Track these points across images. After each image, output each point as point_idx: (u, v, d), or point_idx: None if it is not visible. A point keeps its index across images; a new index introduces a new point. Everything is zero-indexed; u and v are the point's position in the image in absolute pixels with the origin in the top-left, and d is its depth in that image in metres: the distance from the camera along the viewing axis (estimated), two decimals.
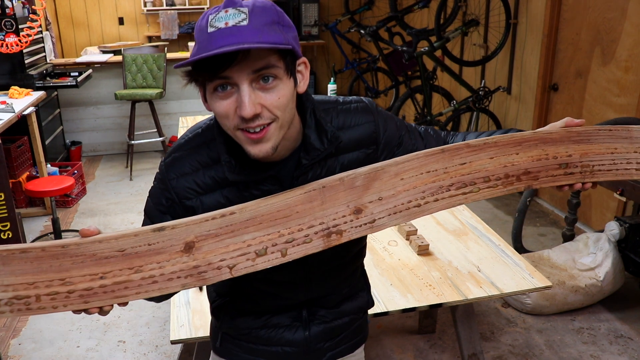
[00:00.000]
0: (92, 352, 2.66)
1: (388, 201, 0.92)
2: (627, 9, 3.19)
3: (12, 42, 4.23)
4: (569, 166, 1.02)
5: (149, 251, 0.85)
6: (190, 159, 1.02)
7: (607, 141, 1.05)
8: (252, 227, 0.88)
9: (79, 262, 0.83)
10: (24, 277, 0.82)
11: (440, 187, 0.95)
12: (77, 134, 5.68)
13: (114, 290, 0.84)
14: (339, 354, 1.28)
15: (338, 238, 0.90)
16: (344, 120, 1.07)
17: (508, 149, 0.99)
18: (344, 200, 0.92)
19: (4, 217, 3.11)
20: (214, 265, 0.86)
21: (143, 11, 7.30)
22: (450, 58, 4.53)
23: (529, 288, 1.88)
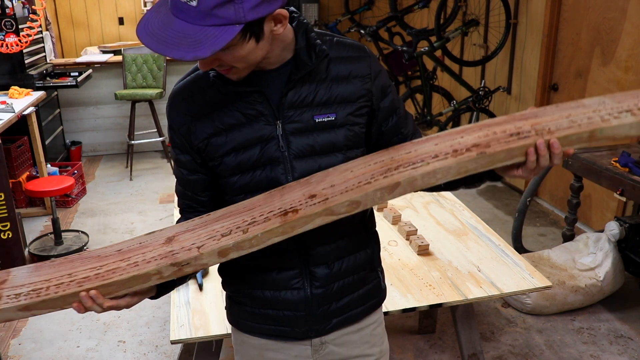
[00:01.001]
0: (92, 352, 2.66)
1: (340, 185, 1.01)
2: (627, 9, 3.19)
3: (12, 42, 4.23)
4: (520, 133, 0.99)
5: (139, 247, 1.04)
6: (187, 88, 1.12)
7: (556, 113, 1.03)
8: (221, 220, 1.04)
9: (86, 262, 1.04)
10: (44, 277, 1.03)
11: (389, 169, 1.01)
12: (77, 134, 5.68)
13: (104, 276, 1.00)
14: (346, 321, 1.22)
15: (293, 215, 0.98)
16: (339, 51, 1.11)
17: (452, 136, 1.03)
18: (300, 192, 1.02)
19: (4, 217, 3.11)
20: (185, 247, 1.01)
21: (143, 11, 7.29)
22: (450, 58, 4.53)
23: (529, 288, 1.88)
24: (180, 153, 1.15)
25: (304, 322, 1.19)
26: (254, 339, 1.24)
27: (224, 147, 1.09)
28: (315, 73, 1.08)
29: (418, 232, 2.21)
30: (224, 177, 1.12)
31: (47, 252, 3.52)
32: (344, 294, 1.20)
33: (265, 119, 1.08)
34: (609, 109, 1.02)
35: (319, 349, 1.23)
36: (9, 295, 1.01)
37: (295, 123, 1.08)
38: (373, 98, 1.13)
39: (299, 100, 1.08)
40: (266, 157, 1.09)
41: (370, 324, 1.27)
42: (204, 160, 1.13)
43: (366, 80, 1.12)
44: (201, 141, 1.10)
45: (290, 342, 1.22)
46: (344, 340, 1.24)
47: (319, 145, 1.09)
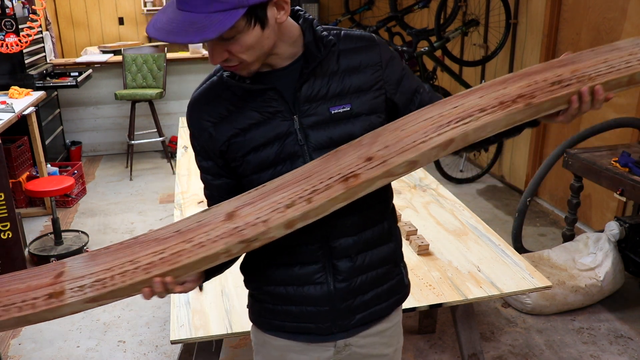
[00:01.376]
0: (92, 352, 2.66)
1: (394, 146, 1.00)
2: (627, 9, 3.19)
3: (12, 42, 4.23)
4: (562, 82, 1.01)
5: (199, 226, 1.01)
6: (204, 95, 1.14)
7: (593, 57, 1.05)
8: (280, 191, 1.02)
9: (145, 246, 1.01)
10: (104, 266, 1.00)
11: (440, 126, 1.01)
12: (77, 134, 5.68)
13: (170, 260, 0.98)
14: (370, 317, 1.22)
15: (355, 180, 0.99)
16: (347, 43, 1.13)
17: (495, 87, 1.04)
18: (355, 155, 1.02)
19: (4, 217, 3.10)
20: (250, 223, 0.99)
21: (143, 11, 7.30)
22: (450, 58, 4.53)
23: (529, 288, 1.88)
24: (203, 160, 1.17)
25: (327, 317, 1.18)
26: (277, 339, 1.24)
27: (244, 147, 1.11)
28: (326, 66, 1.10)
29: (418, 232, 2.21)
30: (247, 176, 1.14)
31: (47, 252, 3.52)
32: (367, 289, 1.20)
33: (281, 115, 1.10)
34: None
35: (342, 350, 1.23)
36: (73, 288, 0.98)
37: (311, 116, 1.10)
38: (386, 86, 1.14)
39: (313, 93, 1.09)
40: (286, 153, 1.10)
41: (392, 325, 1.29)
42: (227, 163, 1.15)
43: (377, 69, 1.13)
44: (222, 144, 1.12)
45: (313, 344, 1.22)
46: (366, 342, 1.25)
47: (336, 137, 1.10)
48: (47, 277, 1.00)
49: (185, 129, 3.72)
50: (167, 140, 5.61)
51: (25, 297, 0.98)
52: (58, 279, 0.99)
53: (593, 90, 1.01)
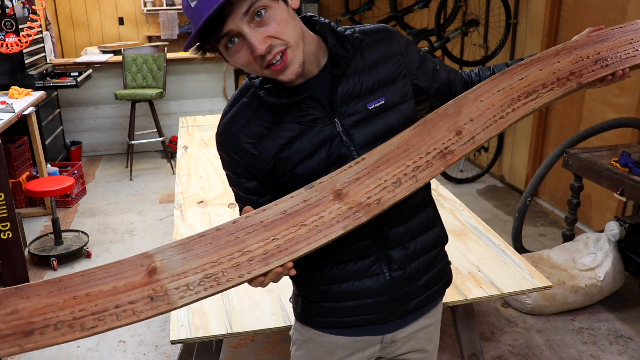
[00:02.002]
0: (92, 352, 2.66)
1: (478, 120, 1.10)
2: (627, 9, 3.19)
3: (12, 42, 4.23)
4: (602, 61, 1.20)
5: (307, 207, 0.97)
6: (237, 118, 1.13)
7: (621, 36, 1.23)
8: (383, 166, 1.03)
9: (251, 231, 0.93)
10: (208, 257, 0.91)
11: (512, 100, 1.13)
12: (77, 134, 5.68)
13: (287, 248, 0.93)
14: (424, 302, 1.25)
15: (452, 157, 1.06)
16: (365, 39, 1.15)
17: (550, 60, 1.18)
18: (445, 127, 1.08)
19: (4, 217, 3.10)
20: (363, 204, 0.98)
21: (143, 11, 7.30)
22: (450, 58, 4.53)
23: (529, 288, 1.88)
24: (247, 181, 1.16)
25: (386, 306, 1.20)
26: (325, 335, 1.24)
27: (292, 160, 1.11)
28: (354, 65, 1.12)
29: None
30: (299, 185, 1.10)
31: (47, 252, 3.52)
32: (421, 275, 1.23)
33: (322, 120, 1.11)
34: None
35: (388, 346, 1.25)
36: (178, 288, 0.88)
37: (351, 116, 1.12)
38: (409, 72, 1.17)
39: (348, 93, 1.11)
40: (335, 156, 1.11)
41: (435, 321, 1.34)
42: (274, 180, 1.15)
43: (399, 58, 1.16)
44: (269, 162, 1.12)
45: (362, 339, 1.23)
46: (411, 337, 1.28)
47: (378, 131, 1.12)
48: (137, 274, 0.87)
49: (186, 128, 3.72)
50: (167, 140, 5.61)
51: (118, 301, 0.85)
52: (153, 277, 0.88)
53: (623, 72, 1.20)
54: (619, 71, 1.20)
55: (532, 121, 4.15)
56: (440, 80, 1.23)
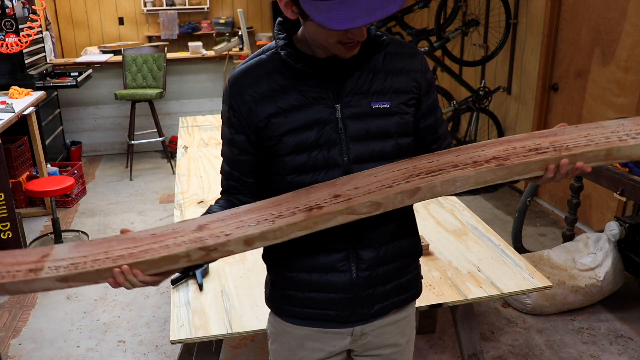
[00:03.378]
0: (92, 352, 2.66)
1: (363, 188, 1.07)
2: (627, 9, 3.19)
3: (12, 42, 4.23)
4: (539, 149, 1.05)
5: (172, 232, 1.10)
6: (250, 71, 1.16)
7: (576, 132, 1.09)
8: (250, 213, 1.10)
9: (122, 242, 1.10)
10: (83, 253, 1.10)
11: (411, 176, 1.07)
12: (77, 134, 5.68)
13: (137, 255, 1.06)
14: (387, 308, 1.26)
15: (317, 211, 1.04)
16: (395, 47, 1.19)
17: (473, 149, 1.11)
18: (326, 192, 1.08)
19: (4, 217, 3.11)
20: (214, 234, 1.06)
21: (143, 11, 7.30)
22: (450, 58, 4.53)
23: (529, 288, 1.88)
24: (235, 133, 1.19)
25: (348, 305, 1.22)
26: (295, 327, 1.27)
27: (284, 126, 1.14)
28: (373, 63, 1.16)
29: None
30: (280, 155, 1.16)
31: None
32: (388, 280, 1.24)
33: (325, 102, 1.14)
34: (627, 130, 1.07)
35: (358, 339, 1.27)
36: (50, 267, 1.08)
37: (353, 108, 1.14)
38: (421, 91, 1.20)
39: (356, 87, 1.15)
40: (324, 139, 1.14)
41: (407, 316, 1.32)
42: (260, 141, 1.18)
43: (417, 75, 1.19)
44: (261, 120, 1.15)
45: (331, 332, 1.25)
46: (382, 331, 1.28)
47: (373, 130, 1.15)
48: (35, 256, 1.11)
49: (186, 128, 3.72)
50: (167, 140, 5.61)
51: (10, 269, 1.08)
52: (43, 259, 1.10)
53: (575, 167, 1.06)
54: (565, 160, 1.04)
55: (532, 121, 4.16)
56: (432, 125, 1.24)
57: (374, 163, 1.16)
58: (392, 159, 1.17)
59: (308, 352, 1.27)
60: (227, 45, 5.61)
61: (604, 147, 1.04)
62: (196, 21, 7.51)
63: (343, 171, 1.15)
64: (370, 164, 1.15)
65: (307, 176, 1.15)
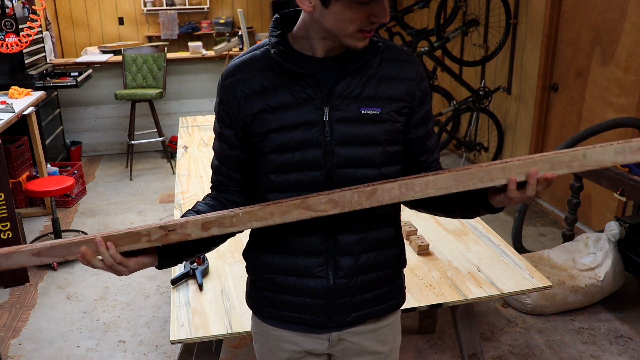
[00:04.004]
0: (92, 352, 2.66)
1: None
2: (627, 9, 3.19)
3: (12, 42, 4.23)
4: (504, 161, 1.06)
5: (145, 224, 1.13)
6: (243, 66, 1.16)
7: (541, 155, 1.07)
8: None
9: (95, 231, 1.14)
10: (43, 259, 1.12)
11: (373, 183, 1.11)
12: (77, 134, 5.68)
13: (104, 233, 1.09)
14: (364, 317, 1.24)
15: (274, 204, 1.09)
16: (391, 53, 1.17)
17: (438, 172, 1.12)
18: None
19: (4, 217, 3.10)
20: (176, 219, 1.12)
21: (143, 11, 7.30)
22: (450, 58, 4.53)
23: (529, 288, 1.88)
24: (224, 127, 1.19)
25: (324, 311, 1.21)
26: (274, 329, 1.26)
27: (270, 124, 1.13)
28: (366, 68, 1.14)
29: (418, 232, 2.21)
30: (264, 153, 1.16)
31: None
32: (367, 289, 1.22)
33: (314, 103, 1.13)
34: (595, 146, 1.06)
35: (336, 344, 1.26)
36: (27, 247, 1.12)
37: (341, 111, 1.13)
38: (415, 101, 1.18)
39: (347, 91, 1.13)
40: (309, 140, 1.13)
41: (388, 324, 1.30)
42: (247, 136, 1.17)
43: (412, 83, 1.17)
44: (249, 116, 1.14)
45: (309, 335, 1.24)
46: (361, 338, 1.27)
47: (360, 135, 1.13)
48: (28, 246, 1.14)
49: (186, 128, 3.72)
50: (167, 140, 5.61)
51: None
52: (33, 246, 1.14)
53: (529, 174, 1.03)
54: (513, 177, 1.03)
55: (532, 121, 4.16)
56: (422, 136, 1.22)
57: (359, 169, 1.14)
58: (378, 166, 1.15)
59: (288, 353, 1.27)
60: (227, 45, 5.61)
61: (569, 152, 1.03)
62: (196, 21, 7.51)
63: (325, 174, 1.13)
64: (355, 169, 1.14)
65: (290, 175, 1.14)
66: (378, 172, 1.15)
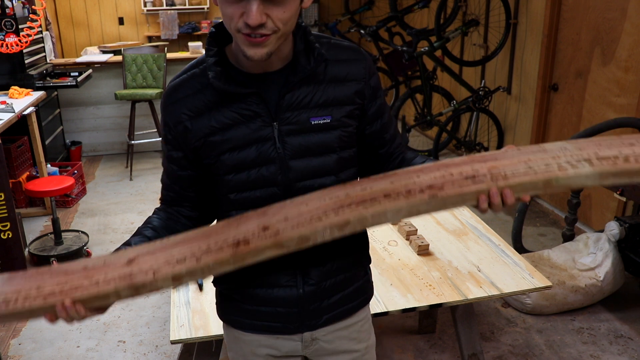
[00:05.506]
0: (92, 352, 2.66)
1: (293, 220, 1.02)
2: (627, 9, 3.19)
3: (12, 42, 4.23)
4: (476, 177, 1.00)
5: (103, 265, 1.05)
6: (183, 86, 1.11)
7: (517, 156, 1.02)
8: (180, 245, 1.05)
9: (55, 275, 1.05)
10: (16, 287, 1.04)
11: (341, 206, 1.02)
12: (77, 134, 5.68)
13: (67, 292, 1.02)
14: (336, 317, 1.25)
15: (245, 247, 1.01)
16: (336, 54, 1.13)
17: (409, 175, 1.03)
18: (256, 222, 1.04)
19: (4, 217, 3.11)
20: (143, 270, 1.03)
21: (143, 11, 7.30)
22: (450, 58, 4.53)
23: (529, 288, 1.88)
24: (173, 149, 1.16)
25: (296, 318, 1.21)
26: (247, 335, 1.26)
27: (220, 146, 1.10)
28: (313, 75, 1.10)
29: (418, 232, 2.21)
30: (219, 175, 1.14)
31: (47, 252, 3.52)
32: (335, 291, 1.22)
33: (261, 119, 1.09)
34: (569, 156, 1.01)
35: (309, 344, 1.25)
36: None
37: (291, 124, 1.10)
38: (365, 100, 1.16)
39: (296, 102, 1.10)
40: (262, 157, 1.10)
41: (359, 320, 1.30)
42: (198, 158, 1.15)
43: (361, 83, 1.14)
44: (198, 140, 1.11)
45: (282, 338, 1.24)
46: (334, 337, 1.26)
47: (313, 146, 1.11)
48: None
49: None
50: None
51: None
52: None
53: (502, 193, 0.98)
54: (494, 189, 0.97)
55: (532, 121, 4.16)
56: (377, 131, 1.20)
57: (316, 179, 1.13)
58: (335, 173, 1.14)
59: (262, 358, 1.27)
60: None
61: (542, 177, 0.99)
62: (196, 21, 7.52)
63: (283, 189, 1.12)
64: (313, 180, 1.13)
65: (249, 194, 1.13)
66: (335, 178, 1.14)
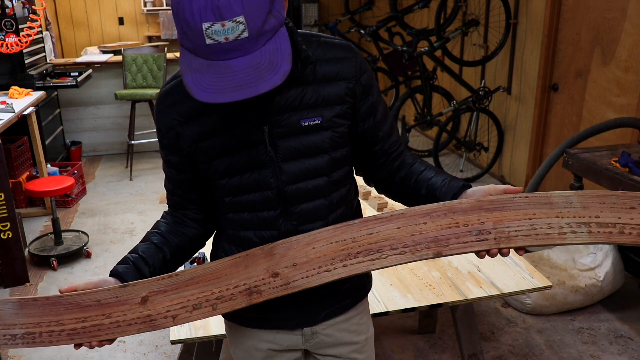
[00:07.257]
0: (92, 352, 2.66)
1: (301, 267, 1.05)
2: (627, 9, 3.19)
3: (12, 42, 4.23)
4: (481, 232, 1.03)
5: (117, 302, 1.08)
6: (173, 93, 1.11)
7: (524, 208, 1.04)
8: (191, 286, 1.08)
9: (69, 308, 1.08)
10: (32, 318, 1.08)
11: (349, 255, 1.04)
12: (77, 134, 5.68)
13: (91, 332, 1.09)
14: (335, 312, 1.26)
15: (258, 297, 1.05)
16: (325, 53, 1.10)
17: (416, 219, 1.05)
18: (264, 266, 1.06)
19: (4, 217, 3.11)
20: (161, 314, 1.07)
21: (143, 11, 7.30)
22: (450, 58, 4.54)
23: (529, 288, 1.88)
24: (170, 154, 1.17)
25: (295, 315, 1.23)
26: (247, 329, 1.27)
27: (212, 151, 1.10)
28: (301, 77, 1.08)
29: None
30: (213, 179, 1.14)
31: (47, 252, 3.52)
32: (332, 288, 1.23)
33: (251, 123, 1.09)
34: (572, 217, 1.03)
35: (310, 338, 1.27)
36: (5, 335, 1.08)
37: (282, 127, 1.09)
38: (356, 98, 1.14)
39: (286, 104, 1.08)
40: (254, 161, 1.10)
41: (358, 313, 1.31)
42: (193, 162, 1.15)
43: (351, 81, 1.12)
44: (189, 146, 1.12)
45: (283, 333, 1.25)
46: (334, 330, 1.28)
47: (305, 148, 1.11)
48: None
49: None
50: None
51: None
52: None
53: (501, 251, 1.04)
54: (494, 250, 1.03)
55: (532, 121, 4.16)
56: (370, 128, 1.19)
57: (309, 181, 1.12)
58: (327, 173, 1.13)
59: (264, 352, 1.28)
60: None
61: (541, 243, 1.03)
62: None
63: (277, 192, 1.12)
64: (306, 182, 1.12)
65: (243, 197, 1.13)
66: (328, 179, 1.14)
